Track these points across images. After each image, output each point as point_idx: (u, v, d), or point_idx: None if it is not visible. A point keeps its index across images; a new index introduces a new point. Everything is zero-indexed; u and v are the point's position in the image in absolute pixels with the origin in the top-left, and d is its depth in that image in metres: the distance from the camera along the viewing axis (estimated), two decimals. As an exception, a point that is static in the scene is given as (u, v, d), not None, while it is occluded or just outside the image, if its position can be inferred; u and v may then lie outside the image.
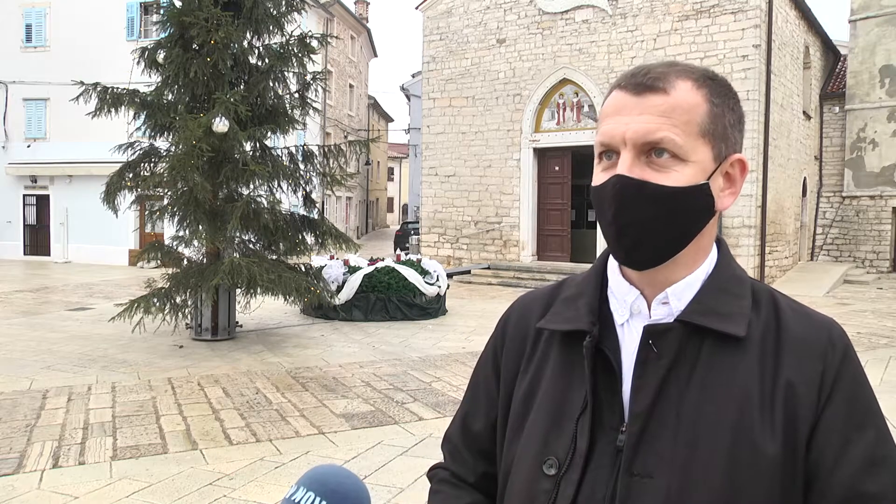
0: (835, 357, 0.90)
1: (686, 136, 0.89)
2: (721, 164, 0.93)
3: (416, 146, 34.51)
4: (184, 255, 9.32)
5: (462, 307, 12.60)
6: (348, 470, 0.94)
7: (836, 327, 0.94)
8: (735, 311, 0.92)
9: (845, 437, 0.87)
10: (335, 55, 31.73)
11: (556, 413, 0.96)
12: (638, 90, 0.91)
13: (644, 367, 0.91)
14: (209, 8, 8.47)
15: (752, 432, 0.86)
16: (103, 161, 15.57)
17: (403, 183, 55.87)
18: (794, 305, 0.96)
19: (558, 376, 0.98)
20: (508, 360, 1.07)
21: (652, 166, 0.89)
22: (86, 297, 13.83)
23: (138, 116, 9.32)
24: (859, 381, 0.91)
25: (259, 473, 4.62)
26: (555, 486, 0.92)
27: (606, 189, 0.91)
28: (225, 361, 7.97)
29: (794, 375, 0.89)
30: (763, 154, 15.17)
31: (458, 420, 1.15)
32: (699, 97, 0.91)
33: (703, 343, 0.91)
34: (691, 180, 0.89)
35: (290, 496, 0.89)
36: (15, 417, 5.78)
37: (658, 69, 0.92)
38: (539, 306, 1.07)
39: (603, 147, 0.93)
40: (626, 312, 0.96)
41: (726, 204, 0.95)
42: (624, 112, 0.91)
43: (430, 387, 6.97)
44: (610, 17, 16.38)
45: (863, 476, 0.86)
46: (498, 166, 18.01)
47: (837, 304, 13.68)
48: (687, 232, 0.92)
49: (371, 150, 13.32)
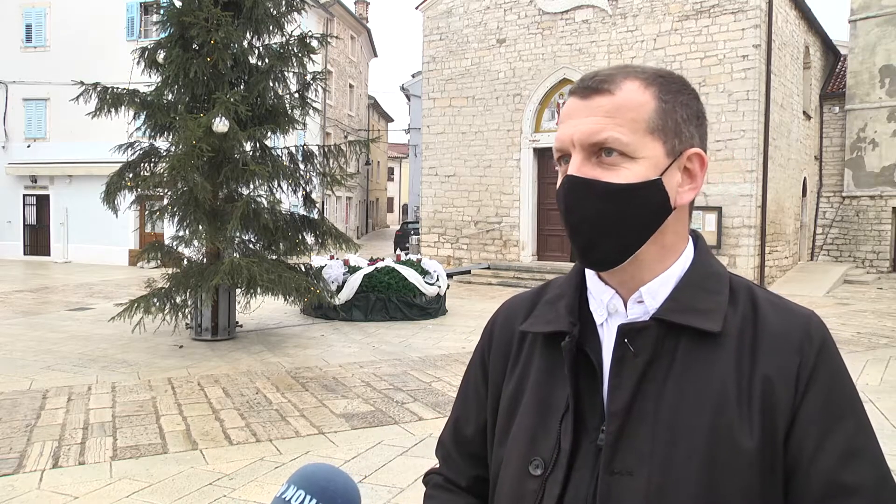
0: (812, 349, 0.90)
1: (632, 133, 0.90)
2: (676, 160, 0.93)
3: (416, 146, 34.51)
4: (184, 255, 9.32)
5: (462, 307, 12.60)
6: (339, 468, 0.94)
7: (814, 319, 0.94)
8: (711, 307, 0.92)
9: (823, 428, 0.87)
10: (335, 55, 31.74)
11: (542, 414, 0.97)
12: (585, 93, 0.93)
13: (620, 366, 0.91)
14: (209, 8, 8.47)
15: (730, 427, 0.87)
16: (103, 161, 15.58)
17: (403, 183, 55.88)
18: (773, 299, 0.96)
19: (543, 378, 0.99)
20: (496, 364, 1.08)
21: (602, 165, 0.91)
22: (86, 297, 13.83)
23: (138, 116, 9.31)
24: (837, 373, 0.91)
25: (259, 473, 4.62)
26: (541, 487, 0.93)
27: (560, 190, 0.93)
28: (225, 361, 7.97)
29: (771, 369, 0.89)
30: (763, 154, 15.17)
31: (450, 425, 1.16)
32: (647, 95, 0.91)
33: (679, 340, 0.91)
34: (642, 177, 0.90)
35: (280, 495, 0.89)
36: (15, 417, 5.78)
37: (606, 72, 0.94)
38: (524, 309, 1.08)
39: (558, 152, 0.95)
40: (604, 312, 0.97)
41: (686, 199, 0.95)
42: (574, 115, 0.93)
43: (430, 387, 6.97)
44: (610, 17, 16.38)
45: (841, 467, 0.86)
46: (498, 166, 18.01)
47: (837, 304, 13.68)
48: (642, 229, 0.92)
49: (371, 150, 13.32)
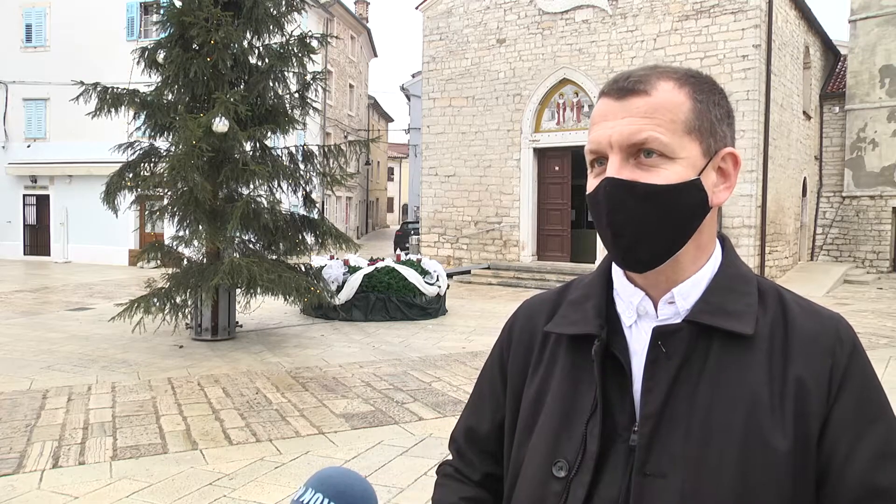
0: (843, 352, 0.90)
1: (671, 134, 0.90)
2: (712, 159, 0.93)
3: (416, 146, 34.49)
4: (184, 255, 9.32)
5: (462, 307, 12.60)
6: (356, 472, 0.94)
7: (843, 322, 0.94)
8: (742, 310, 0.92)
9: (856, 431, 0.87)
10: (335, 55, 31.73)
11: (566, 416, 0.96)
12: (621, 94, 0.92)
13: (654, 368, 0.91)
14: (209, 8, 8.47)
15: (763, 429, 0.87)
16: (103, 161, 15.56)
17: (403, 183, 55.87)
18: (801, 301, 0.96)
19: (567, 379, 0.99)
20: (515, 364, 1.07)
21: (641, 167, 0.90)
22: (86, 297, 13.83)
23: (138, 116, 9.32)
24: (868, 376, 0.91)
25: (259, 473, 4.62)
26: (565, 489, 0.93)
27: (599, 193, 0.92)
28: (225, 361, 7.97)
29: (804, 371, 0.89)
30: (763, 154, 15.16)
31: (463, 421, 1.16)
32: (682, 95, 0.92)
33: (711, 342, 0.91)
34: (682, 177, 0.90)
35: (298, 498, 0.89)
36: (15, 417, 5.78)
37: (639, 72, 0.94)
38: (546, 309, 1.07)
39: (593, 154, 0.94)
40: (633, 314, 0.96)
41: (722, 199, 0.95)
42: (609, 117, 0.92)
43: (430, 387, 6.97)
44: (610, 17, 16.38)
45: (875, 470, 0.86)
46: (498, 166, 18.01)
47: (837, 304, 13.67)
48: (683, 229, 0.92)
49: (371, 150, 13.32)
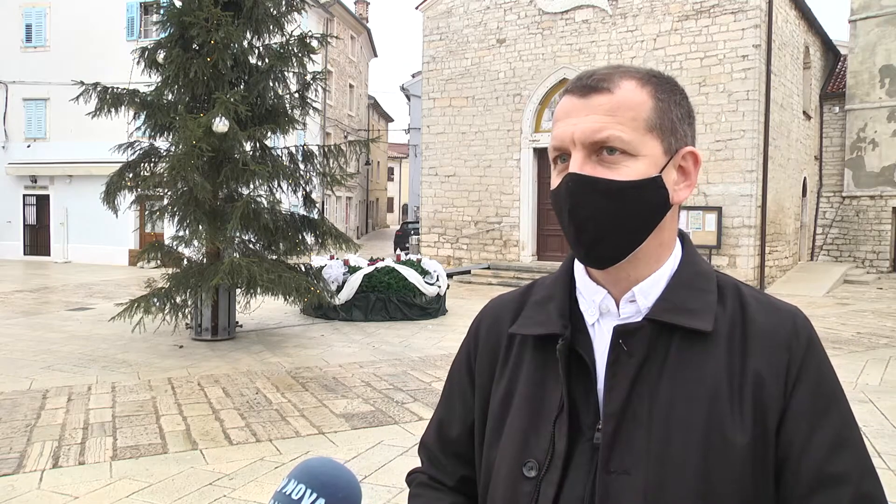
0: (799, 346, 0.93)
1: (633, 132, 0.91)
2: (673, 157, 0.94)
3: (416, 146, 34.51)
4: (184, 255, 9.32)
5: (462, 307, 12.60)
6: (339, 463, 0.94)
7: (799, 316, 0.96)
8: (702, 307, 0.94)
9: (812, 423, 0.90)
10: (335, 55, 31.73)
11: (534, 416, 0.97)
12: (584, 92, 0.94)
13: (616, 367, 0.92)
14: (209, 8, 8.47)
15: (724, 424, 0.89)
16: (103, 161, 15.56)
17: (403, 183, 55.88)
18: (759, 296, 0.98)
19: (534, 380, 0.99)
20: (482, 366, 1.08)
21: (603, 164, 0.91)
22: (86, 297, 13.83)
23: (138, 116, 9.32)
24: (823, 368, 0.94)
25: (259, 473, 4.62)
26: (535, 488, 0.94)
27: (561, 189, 0.93)
28: (225, 361, 7.97)
29: (761, 366, 0.91)
30: (763, 154, 15.16)
31: (433, 426, 1.16)
32: (644, 94, 0.93)
33: (672, 340, 0.93)
34: (643, 174, 0.91)
35: (281, 489, 0.90)
36: (15, 417, 5.78)
37: (603, 71, 0.96)
38: (510, 311, 1.08)
39: (556, 151, 0.95)
40: (596, 312, 0.97)
41: (682, 197, 0.96)
42: (572, 114, 0.93)
43: (430, 387, 6.97)
44: (610, 17, 16.38)
45: (829, 458, 0.89)
46: (498, 166, 18.01)
47: (837, 304, 13.68)
48: (645, 225, 0.93)
49: (371, 150, 13.32)
